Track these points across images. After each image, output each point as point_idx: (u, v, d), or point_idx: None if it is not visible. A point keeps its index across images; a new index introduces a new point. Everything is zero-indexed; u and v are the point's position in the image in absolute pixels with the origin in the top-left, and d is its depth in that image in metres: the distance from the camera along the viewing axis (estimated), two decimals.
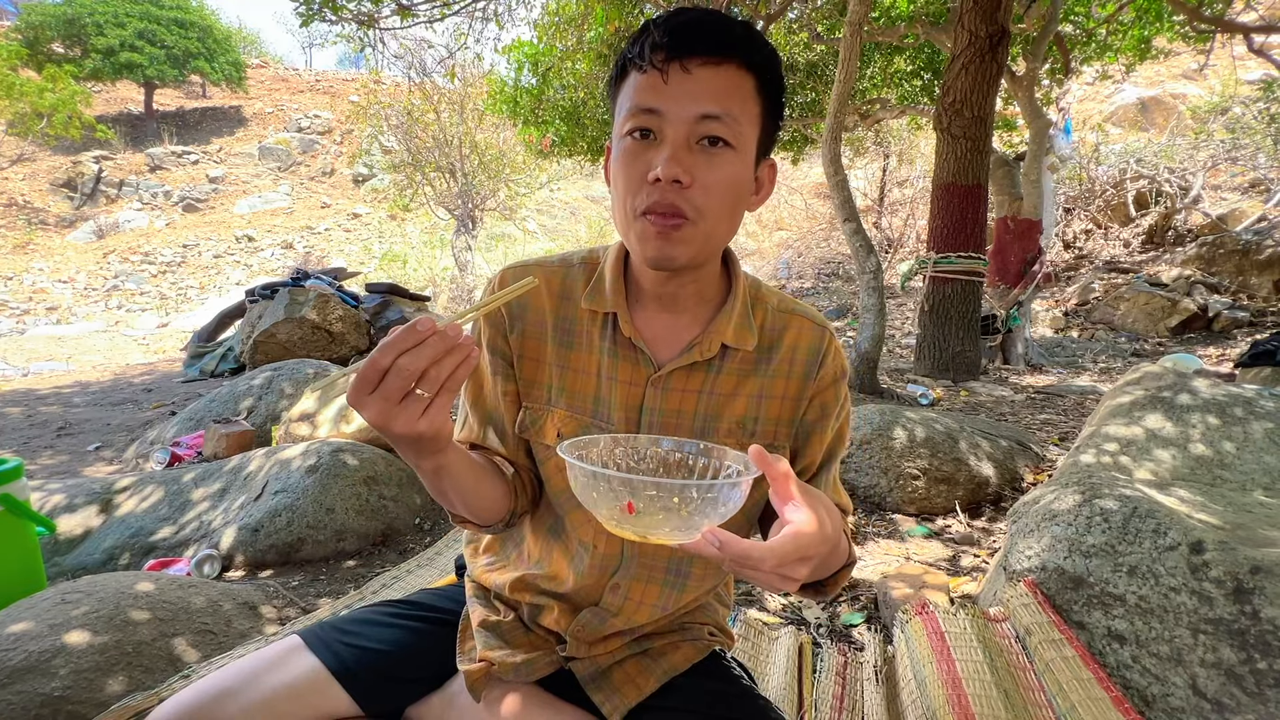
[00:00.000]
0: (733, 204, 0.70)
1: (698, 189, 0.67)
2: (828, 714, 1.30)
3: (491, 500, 0.74)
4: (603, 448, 0.62)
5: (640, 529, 0.52)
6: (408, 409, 0.54)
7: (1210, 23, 5.97)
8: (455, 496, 0.70)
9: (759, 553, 0.48)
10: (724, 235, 0.73)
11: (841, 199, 4.10)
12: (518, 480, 0.80)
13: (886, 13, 6.61)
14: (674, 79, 0.65)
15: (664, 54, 0.65)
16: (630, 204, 0.69)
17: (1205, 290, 7.01)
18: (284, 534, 2.14)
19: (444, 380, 0.54)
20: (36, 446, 3.73)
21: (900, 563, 2.07)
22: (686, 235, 0.68)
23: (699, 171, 0.66)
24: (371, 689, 0.76)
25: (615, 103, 0.72)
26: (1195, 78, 13.32)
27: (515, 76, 7.96)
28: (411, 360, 0.53)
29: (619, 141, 0.70)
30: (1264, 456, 1.93)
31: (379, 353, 0.53)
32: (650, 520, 0.52)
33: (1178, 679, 1.19)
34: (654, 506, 0.51)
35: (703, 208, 0.67)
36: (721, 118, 0.65)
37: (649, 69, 0.66)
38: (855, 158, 11.90)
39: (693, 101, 0.65)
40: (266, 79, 25.57)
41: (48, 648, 1.30)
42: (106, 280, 14.44)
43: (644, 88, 0.66)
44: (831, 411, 0.81)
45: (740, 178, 0.69)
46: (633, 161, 0.68)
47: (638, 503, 0.51)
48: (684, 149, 0.66)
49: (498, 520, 0.77)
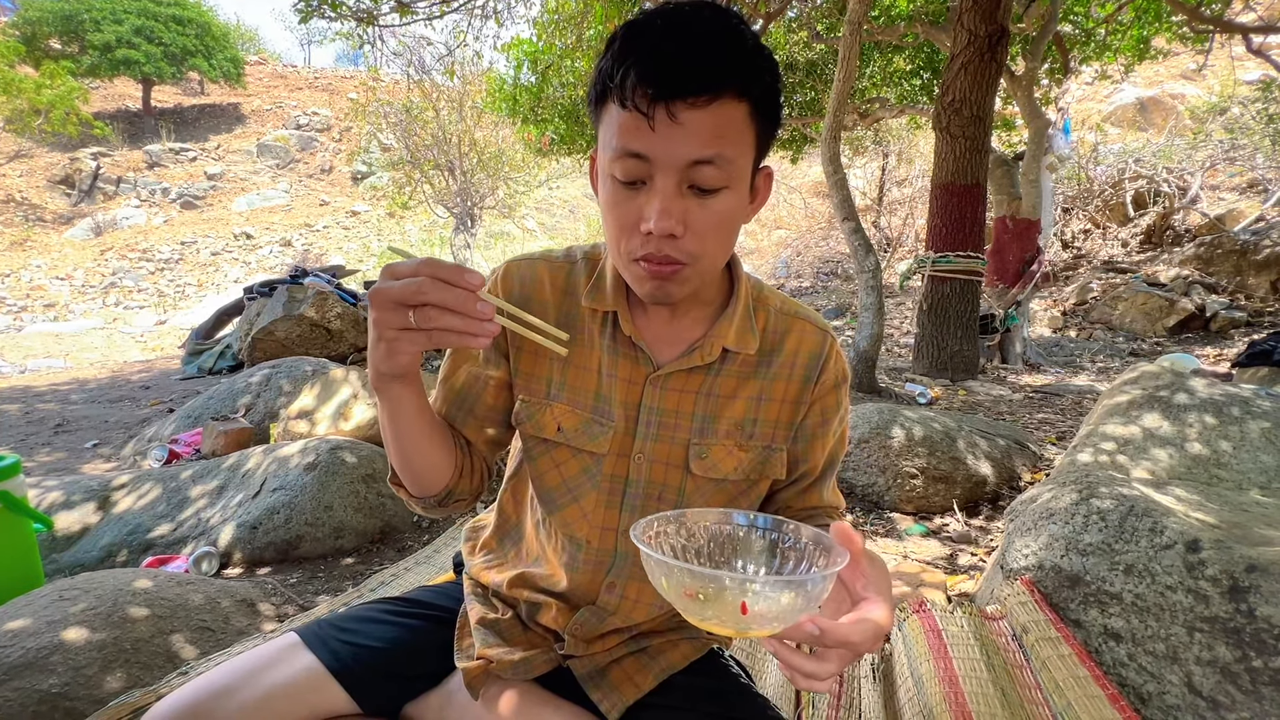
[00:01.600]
0: (728, 235, 0.69)
1: (691, 237, 0.65)
2: (825, 712, 1.30)
3: (436, 461, 0.74)
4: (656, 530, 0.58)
5: (746, 627, 0.50)
6: (398, 313, 0.56)
7: (1209, 23, 5.98)
8: (406, 442, 0.71)
9: (855, 636, 0.50)
10: (721, 261, 0.72)
11: (840, 198, 4.10)
12: (467, 461, 0.79)
13: (886, 12, 6.60)
14: (660, 126, 0.60)
15: (648, 98, 0.59)
16: (624, 247, 0.67)
17: (1203, 290, 7.02)
18: (282, 531, 2.14)
19: (433, 325, 0.55)
20: (34, 444, 3.72)
21: (898, 561, 2.07)
22: (683, 277, 0.68)
23: (692, 217, 0.64)
24: (369, 687, 0.76)
25: (598, 122, 0.67)
26: (1194, 78, 13.34)
27: (514, 74, 7.94)
28: (433, 289, 0.54)
29: (605, 179, 0.67)
30: (1260, 456, 1.93)
31: (423, 263, 0.55)
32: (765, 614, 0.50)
33: (1173, 677, 1.19)
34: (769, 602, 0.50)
35: (697, 252, 0.66)
36: (714, 161, 0.62)
37: (632, 109, 0.60)
38: (854, 157, 11.90)
39: (683, 147, 0.61)
40: (265, 76, 25.50)
41: (45, 644, 1.30)
42: (104, 277, 14.40)
43: (628, 128, 0.61)
44: (833, 417, 0.81)
45: (735, 208, 0.67)
46: (622, 206, 0.65)
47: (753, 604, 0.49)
48: (674, 197, 0.63)
49: (436, 490, 0.76)
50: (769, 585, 0.50)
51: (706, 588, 0.50)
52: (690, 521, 0.60)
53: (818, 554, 0.57)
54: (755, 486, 0.81)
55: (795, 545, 0.59)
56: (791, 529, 0.59)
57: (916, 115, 8.16)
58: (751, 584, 0.50)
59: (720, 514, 0.61)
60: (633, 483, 0.78)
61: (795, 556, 0.59)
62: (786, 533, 0.59)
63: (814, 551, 0.57)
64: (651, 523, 0.58)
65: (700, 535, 0.61)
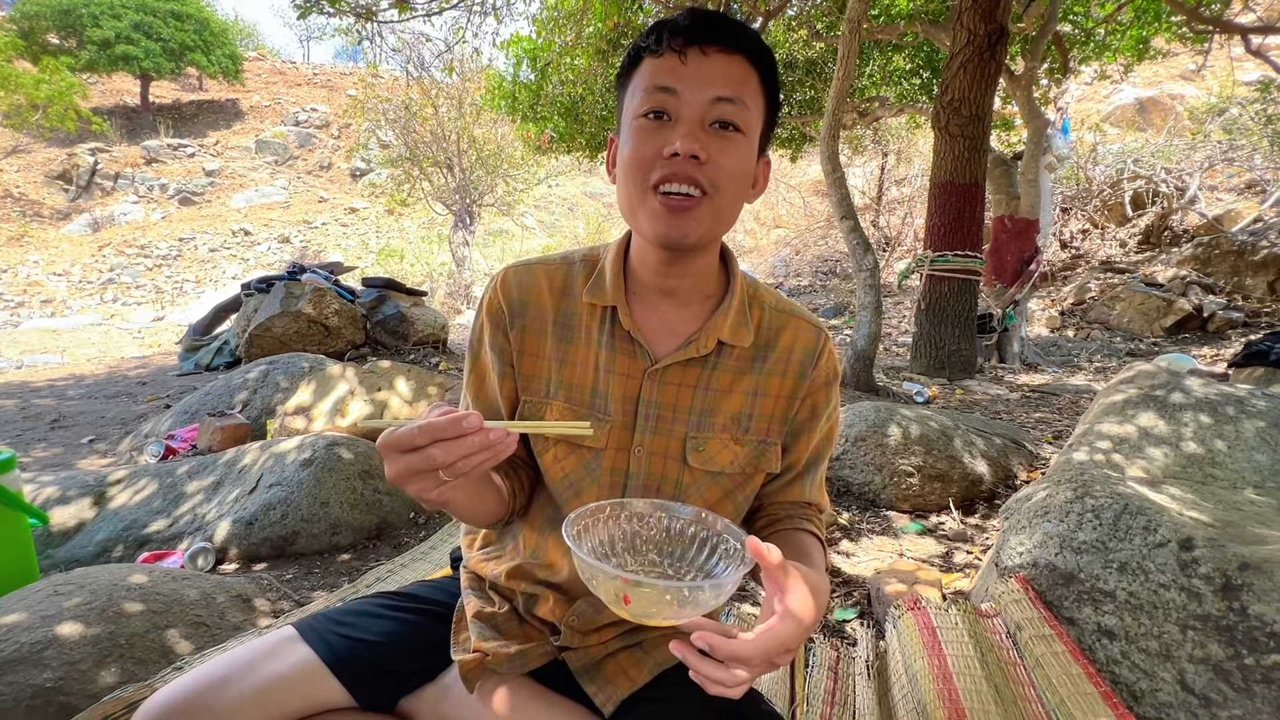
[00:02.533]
0: (740, 187, 0.73)
1: (712, 166, 0.69)
2: (819, 708, 1.31)
3: (486, 515, 0.77)
4: (606, 516, 0.64)
5: (637, 616, 0.55)
6: (424, 479, 0.57)
7: (1208, 23, 5.98)
8: (463, 514, 0.74)
9: (746, 651, 0.52)
10: (729, 218, 0.74)
11: (839, 197, 4.10)
12: (515, 480, 0.81)
13: (886, 11, 6.60)
14: (692, 61, 0.68)
15: (683, 39, 0.68)
16: (643, 179, 0.70)
17: (1200, 290, 7.03)
18: (278, 527, 2.14)
19: (468, 471, 0.57)
20: (30, 439, 3.72)
21: (894, 559, 2.08)
22: (700, 212, 0.70)
23: (713, 150, 0.69)
24: (365, 680, 0.76)
25: (624, 92, 0.74)
26: (1193, 78, 13.36)
27: (514, 72, 7.93)
28: (444, 452, 0.55)
29: (631, 123, 0.72)
30: (1255, 455, 1.94)
31: (419, 432, 0.55)
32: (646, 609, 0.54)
33: (1166, 674, 1.20)
34: (649, 599, 0.54)
35: (718, 182, 0.70)
36: (735, 101, 0.68)
37: (666, 52, 0.69)
38: (853, 156, 11.90)
39: (709, 84, 0.68)
40: (263, 72, 25.42)
41: (40, 639, 1.30)
42: (101, 273, 14.37)
43: (661, 69, 0.69)
44: (822, 412, 0.83)
45: (747, 164, 0.72)
46: (647, 139, 0.70)
47: (634, 596, 0.54)
48: (700, 128, 0.68)
49: (493, 524, 0.81)
50: (654, 588, 0.54)
51: (595, 576, 0.55)
52: (639, 510, 0.66)
53: (734, 555, 0.61)
54: (751, 480, 0.82)
55: (725, 546, 0.64)
56: (713, 524, 0.64)
57: (916, 114, 8.16)
58: (634, 580, 0.53)
59: (651, 504, 0.66)
60: (633, 475, 0.79)
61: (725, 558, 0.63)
62: (708, 526, 0.65)
63: (732, 550, 0.62)
64: (602, 508, 0.63)
65: (653, 525, 0.66)
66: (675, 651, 0.55)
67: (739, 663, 0.52)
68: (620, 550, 0.65)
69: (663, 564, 0.66)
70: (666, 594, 0.53)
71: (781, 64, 7.56)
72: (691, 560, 0.65)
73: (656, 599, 0.54)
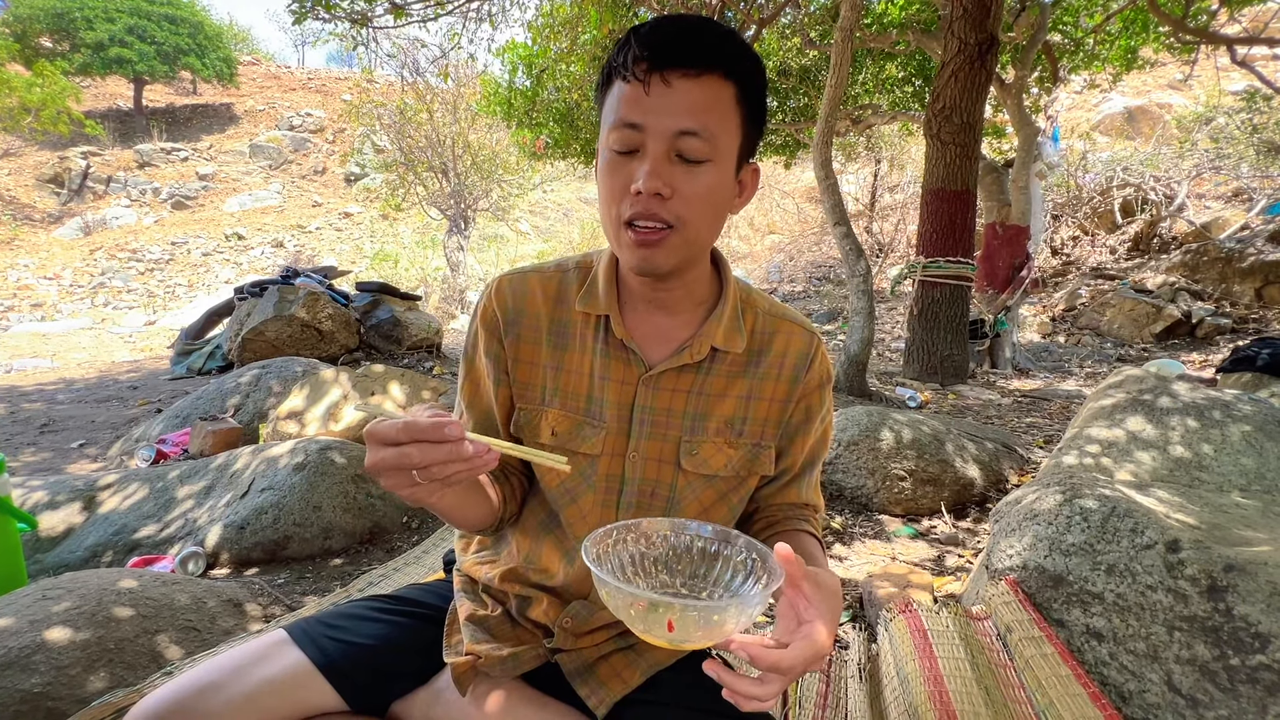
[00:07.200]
0: (713, 211, 0.72)
1: (678, 200, 0.68)
2: (812, 710, 1.31)
3: (474, 521, 0.77)
4: (614, 540, 0.62)
5: (676, 641, 0.54)
6: (398, 476, 0.57)
7: (1195, 34, 6.07)
8: (453, 516, 0.74)
9: (789, 660, 0.53)
10: (706, 240, 0.74)
11: (832, 203, 4.13)
12: (507, 486, 0.81)
13: (878, 19, 6.66)
14: (655, 91, 0.66)
15: (645, 65, 0.66)
16: (614, 213, 0.71)
17: (1189, 297, 7.11)
18: (270, 532, 2.13)
19: (443, 479, 0.57)
20: (19, 443, 3.68)
21: (886, 563, 2.09)
22: (670, 244, 0.70)
23: (678, 183, 0.68)
24: (357, 684, 0.76)
25: (602, 108, 0.73)
26: (1180, 88, 13.53)
27: (509, 78, 7.95)
28: (421, 454, 0.55)
29: (603, 152, 0.72)
30: (1241, 459, 1.96)
31: (402, 428, 0.55)
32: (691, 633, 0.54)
33: (1153, 675, 1.21)
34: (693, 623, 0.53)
35: (684, 216, 0.69)
36: (699, 134, 0.67)
37: (631, 79, 0.67)
38: (847, 162, 11.98)
39: (671, 116, 0.66)
40: (258, 76, 25.38)
41: (28, 644, 1.29)
42: (93, 277, 14.26)
43: (627, 100, 0.68)
44: (816, 415, 0.84)
45: (720, 186, 0.71)
46: (615, 173, 0.70)
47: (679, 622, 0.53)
48: (664, 162, 0.68)
49: (483, 530, 0.81)
50: (692, 608, 0.53)
51: (638, 604, 0.53)
52: (647, 530, 0.64)
53: (761, 570, 0.60)
54: (744, 483, 0.83)
55: (741, 559, 0.63)
56: (741, 544, 0.63)
57: (908, 122, 8.23)
58: (676, 604, 0.53)
59: (672, 524, 0.65)
60: (628, 480, 0.80)
61: (741, 571, 0.62)
62: (730, 545, 0.63)
63: (757, 567, 0.61)
64: (610, 532, 0.61)
65: (659, 544, 0.65)
66: (709, 672, 0.55)
67: (779, 673, 0.53)
68: (630, 574, 0.63)
69: (675, 583, 0.65)
70: (713, 615, 0.53)
71: (775, 71, 7.61)
72: (705, 576, 0.64)
73: (702, 621, 0.53)
